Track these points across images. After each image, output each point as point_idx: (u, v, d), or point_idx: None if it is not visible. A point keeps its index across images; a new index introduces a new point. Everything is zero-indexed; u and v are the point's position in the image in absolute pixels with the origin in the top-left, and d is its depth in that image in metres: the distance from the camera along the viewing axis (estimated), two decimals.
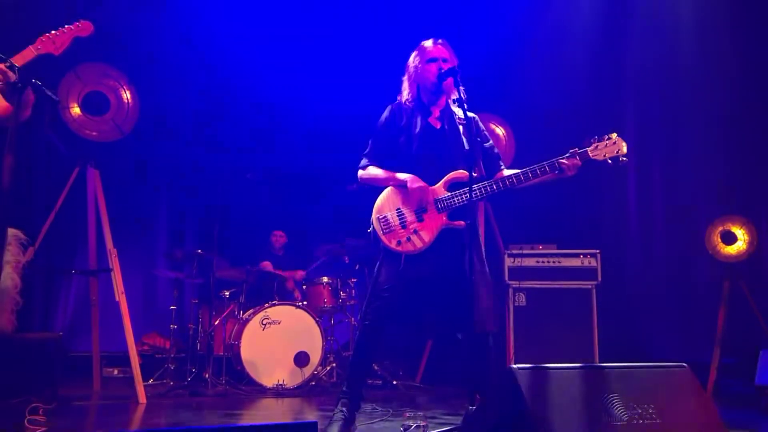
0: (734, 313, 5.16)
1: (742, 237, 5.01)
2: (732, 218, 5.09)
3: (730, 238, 5.05)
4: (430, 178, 3.27)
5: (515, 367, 2.40)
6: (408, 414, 3.22)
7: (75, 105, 4.80)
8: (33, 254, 4.42)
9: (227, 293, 5.71)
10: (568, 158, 3.14)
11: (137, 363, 4.52)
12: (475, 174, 3.16)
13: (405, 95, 3.43)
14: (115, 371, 5.91)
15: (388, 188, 3.33)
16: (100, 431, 3.74)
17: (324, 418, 3.35)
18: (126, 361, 4.63)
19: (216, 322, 5.63)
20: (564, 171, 3.13)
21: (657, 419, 2.42)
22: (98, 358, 5.08)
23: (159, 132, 6.47)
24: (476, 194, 3.15)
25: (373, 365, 5.18)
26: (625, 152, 3.12)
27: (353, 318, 5.72)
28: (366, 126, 3.56)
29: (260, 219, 6.71)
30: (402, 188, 3.28)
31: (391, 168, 3.35)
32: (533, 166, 3.17)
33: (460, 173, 3.22)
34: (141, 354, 5.41)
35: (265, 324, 5.35)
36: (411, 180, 3.25)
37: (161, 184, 6.86)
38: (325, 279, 5.82)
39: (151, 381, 5.43)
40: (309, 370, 5.32)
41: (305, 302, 5.66)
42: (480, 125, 3.45)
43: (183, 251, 5.82)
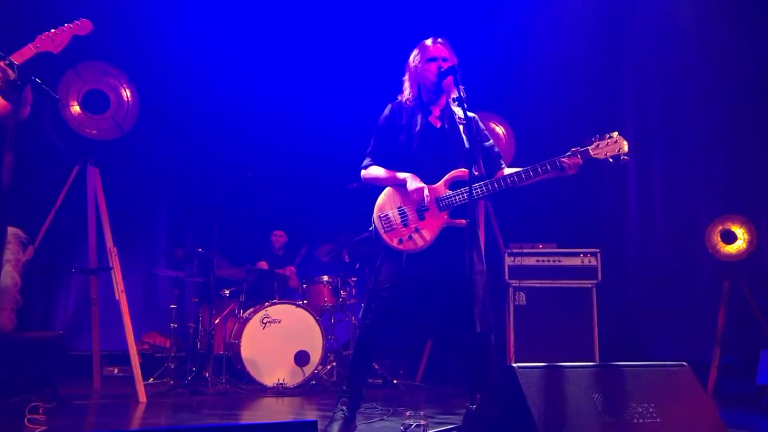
0: (734, 313, 5.16)
1: (742, 236, 5.00)
2: (732, 217, 5.09)
3: (730, 238, 5.04)
4: (431, 177, 3.27)
5: (515, 366, 2.40)
6: (408, 413, 3.23)
7: (75, 103, 4.80)
8: (33, 253, 4.41)
9: (227, 292, 5.71)
10: (570, 157, 3.14)
11: (137, 362, 4.52)
12: (476, 173, 3.16)
13: (405, 94, 3.43)
14: (116, 370, 5.91)
15: (389, 187, 3.33)
16: (101, 430, 3.73)
17: (324, 418, 3.34)
18: (126, 360, 4.62)
19: (216, 321, 5.63)
20: (565, 170, 3.13)
21: (657, 418, 2.42)
22: (98, 357, 5.08)
23: (159, 130, 6.46)
24: (477, 193, 3.15)
25: (374, 364, 5.19)
26: (626, 151, 3.13)
27: (353, 317, 5.72)
28: (366, 125, 3.55)
29: (260, 218, 6.70)
30: (403, 187, 3.27)
31: (392, 167, 3.35)
32: (534, 165, 3.16)
33: (461, 172, 3.22)
34: (141, 353, 5.42)
35: (266, 323, 5.35)
36: (411, 179, 3.25)
37: (161, 183, 6.85)
38: (326, 278, 5.82)
39: (152, 380, 5.44)
40: (309, 369, 5.32)
41: (305, 301, 5.66)
42: (480, 125, 3.45)
43: (183, 250, 5.81)
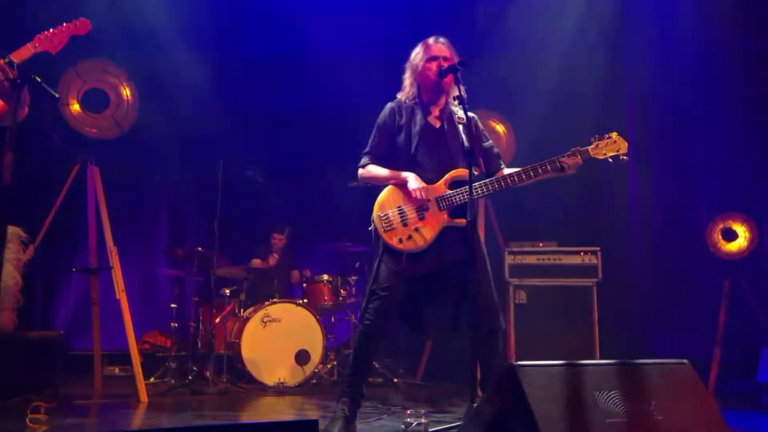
0: (735, 311, 5.16)
1: (743, 234, 5.01)
2: (733, 215, 5.09)
3: (731, 236, 5.04)
4: (430, 177, 3.26)
5: (516, 364, 2.40)
6: (409, 412, 3.23)
7: (75, 102, 4.81)
8: (33, 252, 4.42)
9: (228, 291, 5.71)
10: (570, 157, 3.15)
11: (138, 361, 4.51)
12: (476, 172, 3.16)
13: (406, 93, 3.42)
14: (116, 369, 5.91)
15: (389, 186, 3.33)
16: (102, 430, 3.73)
17: (325, 417, 3.34)
18: (127, 360, 4.62)
19: (217, 320, 5.63)
20: (565, 170, 3.14)
21: (658, 416, 2.42)
22: (99, 357, 5.07)
23: (159, 129, 6.45)
24: (477, 192, 3.15)
25: (374, 363, 5.18)
26: (626, 151, 3.17)
27: (354, 316, 5.72)
28: (367, 124, 3.54)
29: (260, 217, 6.70)
30: (403, 186, 3.27)
31: (391, 166, 3.35)
32: (534, 164, 3.17)
33: (461, 171, 3.22)
34: (142, 352, 5.41)
35: (266, 322, 5.35)
36: (413, 179, 3.25)
37: (161, 182, 6.85)
38: (326, 277, 5.82)
39: (152, 379, 5.44)
40: (310, 368, 5.32)
41: (305, 300, 5.66)
42: (479, 125, 3.45)
43: (183, 249, 5.82)
